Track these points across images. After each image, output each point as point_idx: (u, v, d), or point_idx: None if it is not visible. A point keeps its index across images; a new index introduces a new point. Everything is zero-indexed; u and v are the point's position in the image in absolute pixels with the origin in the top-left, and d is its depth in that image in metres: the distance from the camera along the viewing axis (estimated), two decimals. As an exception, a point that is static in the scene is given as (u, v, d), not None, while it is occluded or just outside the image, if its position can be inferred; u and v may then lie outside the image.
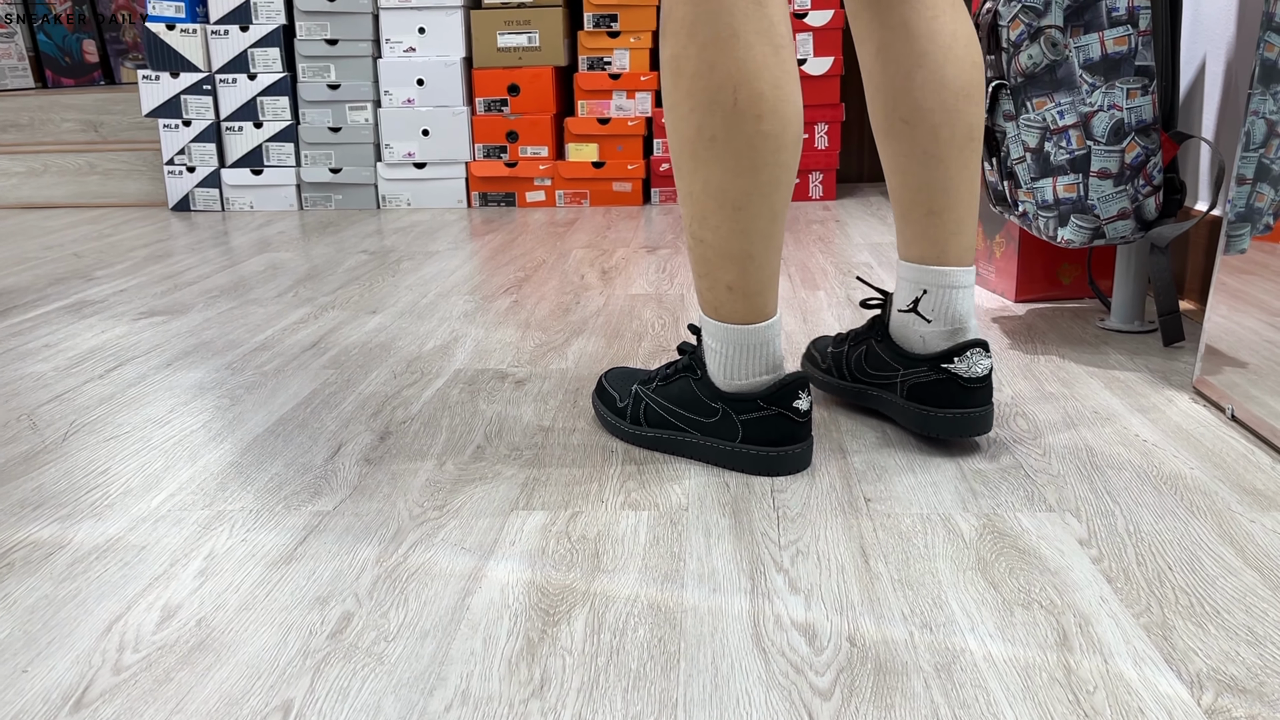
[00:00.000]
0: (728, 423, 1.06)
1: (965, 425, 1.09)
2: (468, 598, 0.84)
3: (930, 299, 1.11)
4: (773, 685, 0.72)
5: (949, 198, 1.09)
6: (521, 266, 2.17)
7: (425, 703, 0.71)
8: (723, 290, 1.03)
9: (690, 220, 1.02)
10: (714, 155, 0.97)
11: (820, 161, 2.95)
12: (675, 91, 0.98)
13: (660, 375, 1.13)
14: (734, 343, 1.05)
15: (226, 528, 0.98)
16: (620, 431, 1.16)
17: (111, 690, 0.73)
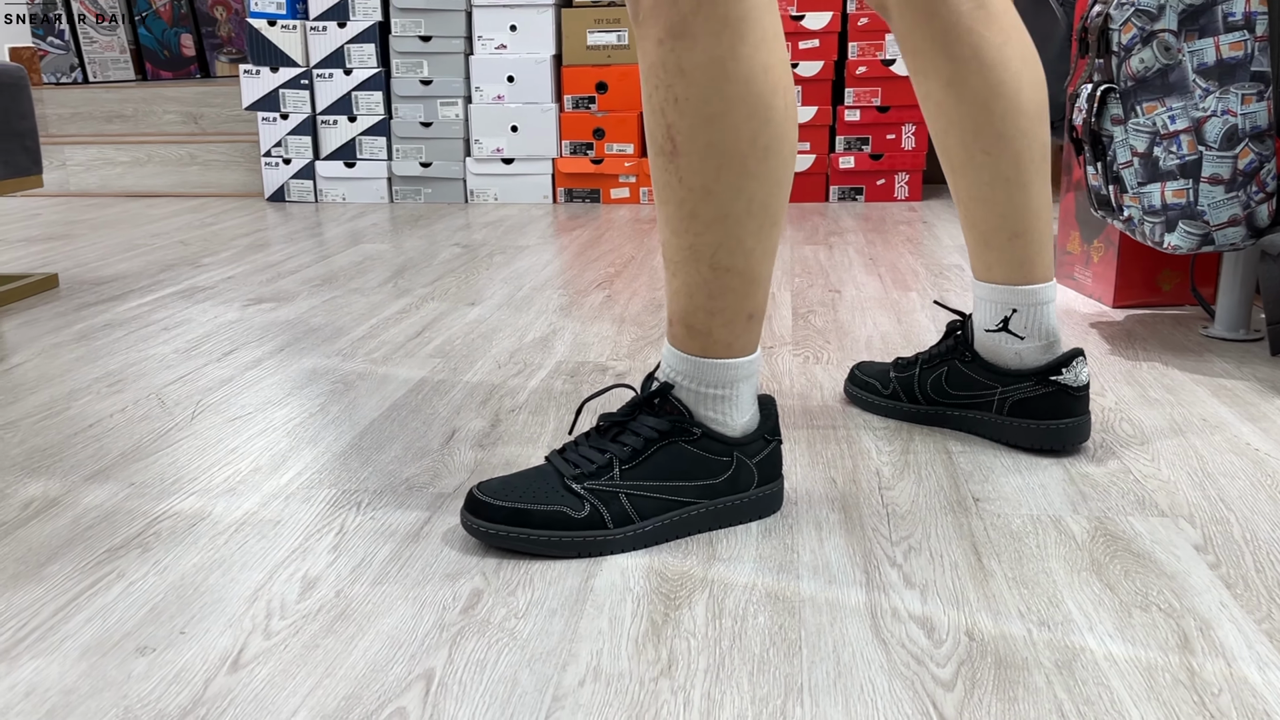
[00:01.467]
0: (743, 471, 0.96)
1: (1077, 433, 1.10)
2: (590, 580, 0.87)
3: (1021, 317, 1.12)
4: (895, 674, 0.74)
5: (1032, 219, 1.09)
6: (611, 262, 2.20)
7: (559, 677, 0.74)
8: (743, 322, 0.93)
9: (715, 249, 0.89)
10: (766, 168, 0.87)
11: (907, 162, 2.94)
12: (721, 100, 0.84)
13: (624, 458, 0.94)
14: (745, 378, 0.95)
15: (354, 506, 1.02)
16: (608, 544, 0.92)
17: (264, 654, 0.77)
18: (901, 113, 2.92)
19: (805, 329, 1.64)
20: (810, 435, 1.19)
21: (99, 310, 1.84)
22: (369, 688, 0.73)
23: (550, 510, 0.91)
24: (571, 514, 0.91)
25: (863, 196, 2.99)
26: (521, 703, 0.71)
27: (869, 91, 2.91)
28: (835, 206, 2.92)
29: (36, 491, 1.07)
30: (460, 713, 0.70)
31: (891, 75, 2.90)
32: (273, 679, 0.74)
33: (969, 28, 1.04)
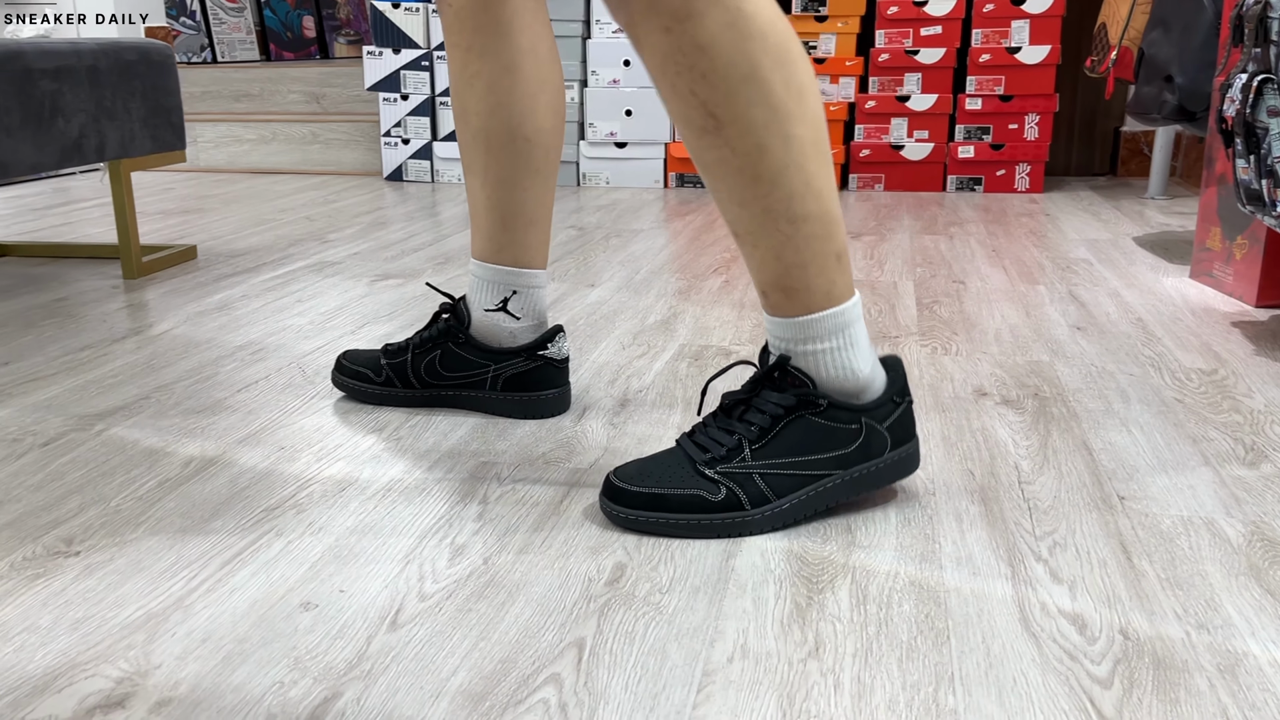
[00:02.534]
0: (874, 437, 0.95)
1: (560, 402, 1.22)
2: (730, 560, 0.88)
3: (520, 299, 1.20)
4: (1048, 669, 0.73)
5: (545, 210, 1.18)
6: (726, 247, 2.20)
7: (708, 653, 0.75)
8: (833, 263, 0.91)
9: (790, 199, 0.89)
10: (805, 108, 0.87)
11: (1029, 153, 2.87)
12: (748, 58, 0.85)
13: (753, 438, 0.94)
14: (855, 319, 0.93)
15: (494, 478, 1.05)
16: (749, 525, 0.92)
17: (420, 615, 0.80)
18: (1025, 102, 2.84)
19: (931, 320, 1.62)
20: (944, 427, 1.17)
21: (236, 281, 1.91)
22: (523, 652, 0.75)
23: (687, 494, 0.92)
24: (709, 497, 0.92)
25: (981, 187, 2.93)
26: (673, 675, 0.72)
27: (992, 80, 2.85)
28: (953, 196, 2.87)
29: (194, 451, 1.12)
30: (613, 681, 0.72)
31: (1017, 63, 2.83)
32: (431, 639, 0.77)
33: (529, 23, 1.11)
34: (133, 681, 0.72)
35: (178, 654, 0.75)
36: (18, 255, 2.17)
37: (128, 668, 0.73)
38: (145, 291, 1.84)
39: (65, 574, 0.86)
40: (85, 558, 0.89)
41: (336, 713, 0.68)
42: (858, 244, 2.22)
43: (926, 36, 2.88)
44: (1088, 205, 2.69)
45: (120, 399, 1.28)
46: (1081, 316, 1.63)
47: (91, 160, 1.78)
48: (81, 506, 0.98)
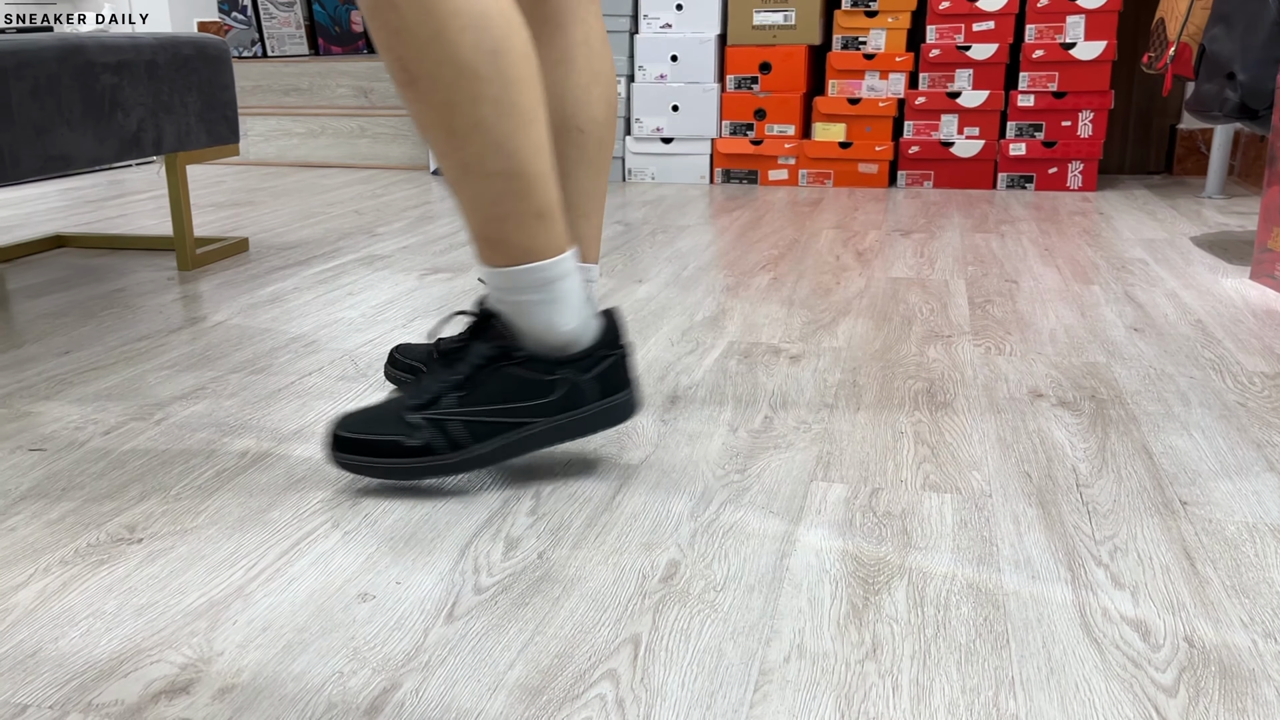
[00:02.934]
0: (575, 390, 0.99)
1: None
2: (784, 559, 0.88)
3: None
4: (1111, 676, 0.72)
5: (599, 202, 1.17)
6: (774, 245, 2.19)
7: (764, 652, 0.75)
8: (532, 222, 0.95)
9: (479, 158, 0.92)
10: (498, 70, 0.90)
11: (1082, 150, 2.83)
12: (436, 17, 0.88)
13: (452, 385, 0.99)
14: (559, 277, 0.97)
15: (546, 472, 1.05)
16: (440, 468, 0.98)
17: (477, 608, 0.80)
18: (1079, 99, 2.80)
19: (984, 319, 1.60)
20: (1000, 428, 1.16)
21: (287, 274, 1.93)
22: (579, 647, 0.75)
23: (386, 440, 0.98)
24: (405, 442, 0.98)
25: (1032, 185, 2.89)
26: (729, 674, 0.72)
27: (1045, 76, 2.81)
28: (1003, 194, 2.83)
29: (251, 441, 1.13)
30: (669, 679, 0.72)
31: (1071, 59, 2.78)
32: (487, 632, 0.77)
33: (581, 16, 1.11)
34: (196, 668, 0.73)
35: (239, 642, 0.76)
36: (76, 246, 2.21)
37: (191, 654, 0.74)
38: (199, 283, 1.87)
39: (128, 561, 0.88)
40: (147, 545, 0.90)
41: (395, 703, 0.69)
42: (908, 241, 2.20)
43: (979, 32, 2.84)
44: (1143, 204, 2.64)
45: (178, 389, 1.30)
46: (1139, 317, 1.60)
47: (149, 153, 1.81)
48: (143, 494, 1.00)
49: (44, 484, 1.02)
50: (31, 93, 1.54)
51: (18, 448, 1.11)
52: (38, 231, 2.36)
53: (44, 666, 0.73)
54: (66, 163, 1.62)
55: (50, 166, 1.60)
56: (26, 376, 1.35)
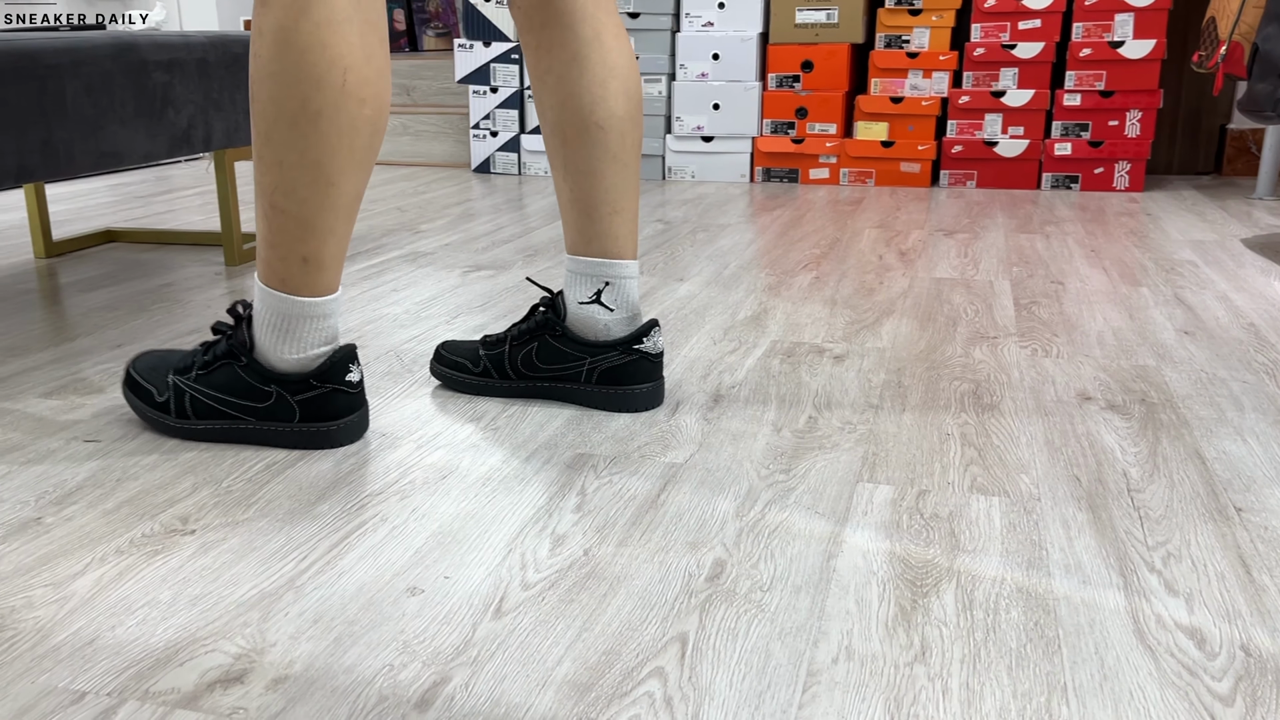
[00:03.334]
0: (283, 404, 1.09)
1: (654, 397, 1.22)
2: (831, 560, 0.87)
3: (613, 290, 1.20)
4: (1166, 684, 0.71)
5: (630, 198, 1.19)
6: (815, 244, 2.18)
7: (812, 653, 0.75)
8: (297, 263, 1.04)
9: (273, 190, 1.01)
10: (317, 130, 0.98)
11: (1130, 150, 2.79)
12: (278, 62, 0.97)
13: (199, 364, 1.11)
14: (299, 316, 1.06)
15: (591, 469, 1.05)
16: (167, 428, 1.13)
17: (524, 603, 0.81)
18: (1127, 98, 2.76)
19: (1030, 320, 1.58)
20: (1047, 431, 1.15)
21: (333, 270, 1.95)
22: (627, 645, 0.75)
23: (146, 386, 1.14)
24: (156, 395, 1.13)
25: (1078, 185, 2.85)
26: (777, 674, 0.72)
27: (1092, 75, 2.77)
28: (1048, 194, 2.80)
29: (299, 435, 1.14)
30: (717, 678, 0.72)
31: (1119, 58, 2.75)
32: (535, 628, 0.77)
33: (591, 12, 1.14)
34: (249, 658, 0.74)
35: (291, 633, 0.77)
36: (126, 241, 2.25)
37: (244, 644, 0.75)
38: (246, 278, 1.89)
39: (182, 551, 0.89)
40: (200, 536, 0.92)
41: (446, 697, 0.70)
42: (951, 241, 2.18)
43: (1025, 30, 2.81)
44: (1191, 205, 2.60)
45: (227, 383, 1.32)
46: (1189, 320, 1.58)
47: (199, 150, 1.84)
48: (195, 487, 1.02)
49: (99, 474, 1.04)
50: (86, 90, 1.57)
51: (74, 438, 1.13)
52: (89, 226, 2.40)
53: (102, 654, 0.74)
54: (119, 159, 1.65)
55: (103, 163, 1.62)
56: (81, 368, 1.37)
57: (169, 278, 1.90)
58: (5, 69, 1.44)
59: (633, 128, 1.17)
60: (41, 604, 0.81)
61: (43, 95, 1.50)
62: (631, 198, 1.20)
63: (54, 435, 1.14)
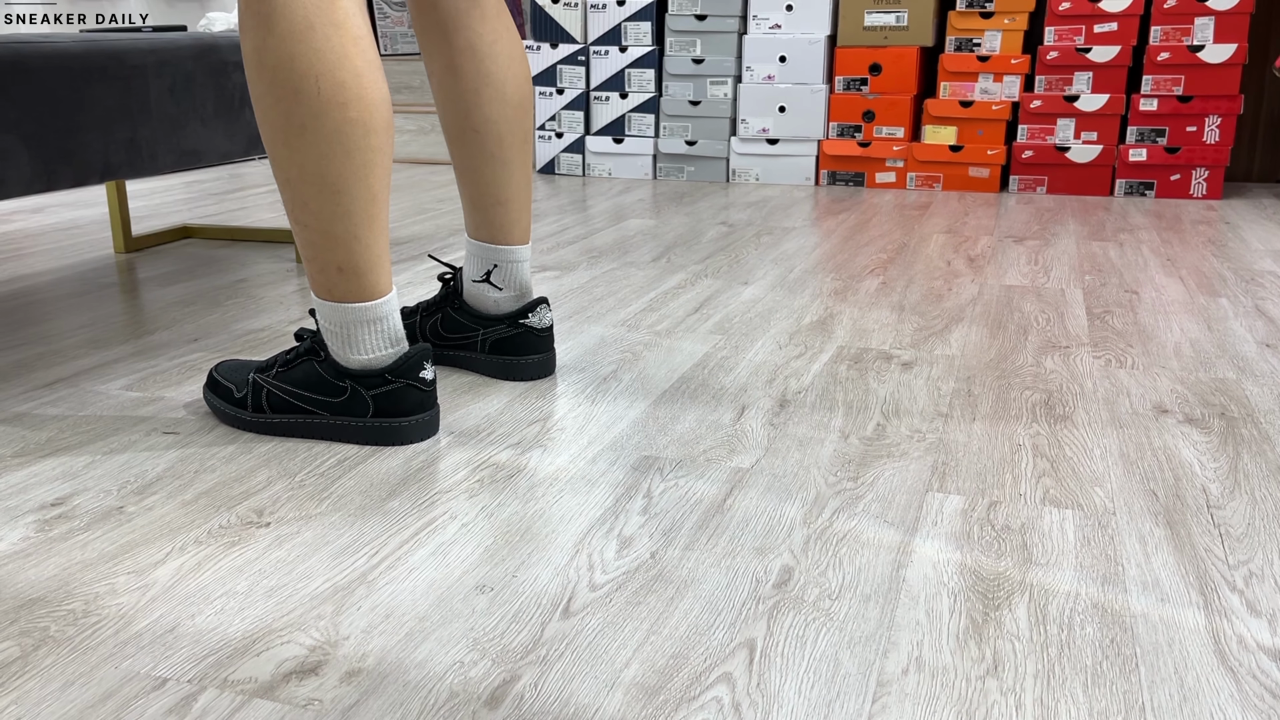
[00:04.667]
0: (357, 399, 1.10)
1: (542, 367, 1.33)
2: (901, 570, 0.87)
3: (501, 271, 1.31)
4: (1248, 707, 0.69)
5: (512, 191, 1.28)
6: (882, 248, 2.16)
7: (882, 663, 0.74)
8: (333, 273, 1.07)
9: (292, 206, 1.05)
10: (306, 142, 1.00)
11: (1208, 157, 2.72)
12: (260, 83, 1.00)
13: (280, 362, 1.15)
14: (352, 321, 1.09)
15: (657, 472, 1.06)
16: (242, 421, 1.15)
17: (592, 604, 0.81)
18: (1206, 103, 2.69)
19: (1103, 330, 1.55)
20: (1122, 444, 1.12)
21: (401, 268, 1.98)
22: (694, 649, 0.75)
23: (226, 384, 1.17)
24: (235, 392, 1.16)
25: (1153, 192, 2.79)
26: (846, 683, 0.72)
27: (1170, 80, 2.71)
28: (1121, 201, 2.74)
29: (370, 431, 1.16)
30: (785, 686, 0.71)
31: (1199, 63, 2.68)
32: (603, 629, 0.78)
33: (464, 23, 1.20)
34: (324, 650, 0.75)
35: (364, 627, 0.78)
36: (201, 237, 2.30)
37: (319, 637, 0.77)
38: (317, 275, 1.92)
39: (258, 543, 0.91)
40: (275, 529, 0.94)
41: (515, 695, 0.70)
42: (1021, 248, 2.14)
43: (1100, 34, 2.76)
44: (1272, 214, 2.53)
45: (299, 378, 1.34)
46: (1270, 332, 1.53)
47: (274, 149, 1.88)
48: (269, 480, 1.04)
49: (178, 466, 1.07)
50: (169, 90, 1.61)
51: (153, 430, 1.17)
52: (166, 223, 2.47)
53: (182, 642, 0.76)
54: (198, 158, 1.69)
55: (184, 161, 1.66)
56: (159, 362, 1.41)
57: (242, 274, 1.94)
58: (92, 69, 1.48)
59: (510, 130, 1.25)
60: (124, 591, 0.83)
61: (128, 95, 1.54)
62: (515, 190, 1.28)
63: (135, 427, 1.18)
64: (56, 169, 1.45)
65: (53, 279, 1.90)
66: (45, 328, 1.58)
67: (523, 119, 1.26)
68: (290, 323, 1.60)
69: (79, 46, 1.47)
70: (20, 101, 1.39)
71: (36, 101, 1.40)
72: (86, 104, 1.47)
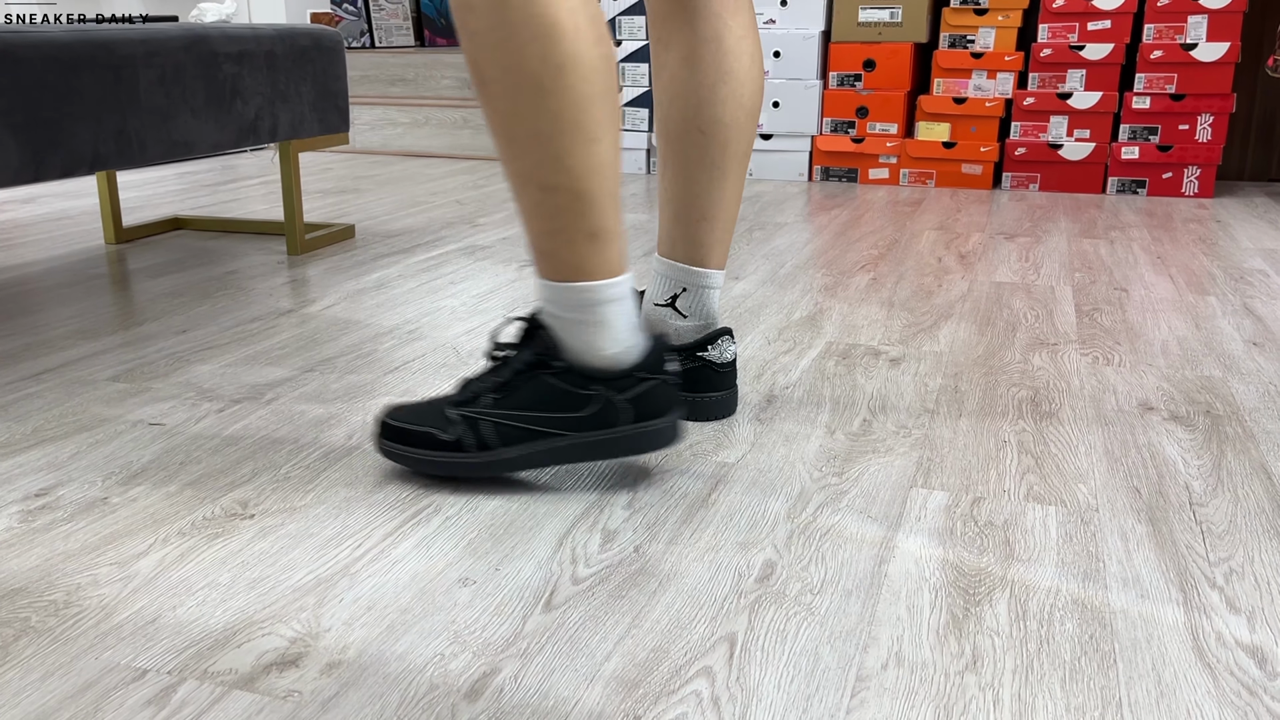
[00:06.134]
0: (610, 407, 0.97)
1: (719, 407, 1.18)
2: (883, 565, 0.87)
3: (688, 297, 1.17)
4: (1225, 703, 0.69)
5: (722, 206, 1.14)
6: (873, 244, 2.16)
7: (861, 658, 0.74)
8: (584, 242, 0.94)
9: (536, 169, 0.92)
10: (563, 85, 0.89)
11: (1200, 155, 2.72)
12: (505, 26, 0.88)
13: (492, 386, 0.99)
14: (603, 302, 0.95)
15: (642, 466, 1.06)
16: (465, 466, 0.98)
17: (574, 598, 0.81)
18: (1199, 101, 2.70)
19: (1092, 328, 1.55)
20: (1107, 441, 1.13)
21: (392, 261, 1.98)
22: (675, 643, 0.76)
23: (421, 430, 0.99)
24: (439, 435, 0.99)
25: (1144, 190, 2.80)
26: (826, 678, 0.72)
27: (1163, 78, 2.71)
28: (1113, 199, 2.75)
29: (356, 424, 1.16)
30: (765, 679, 0.72)
31: (1191, 61, 2.68)
32: (584, 623, 0.78)
33: (714, 11, 1.09)
34: (305, 642, 0.75)
35: (345, 619, 0.78)
36: (192, 229, 2.30)
37: (300, 629, 0.77)
38: (307, 268, 1.92)
39: (241, 535, 0.91)
40: (259, 521, 0.94)
41: (495, 688, 0.70)
42: (1012, 245, 2.15)
43: (1094, 31, 2.76)
44: (1263, 213, 2.53)
45: (287, 370, 1.34)
46: (1258, 331, 1.54)
47: (265, 140, 1.87)
48: (255, 472, 1.04)
49: (163, 457, 1.07)
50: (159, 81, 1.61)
51: (139, 421, 1.16)
52: (157, 214, 2.46)
53: (163, 633, 0.76)
54: (189, 148, 1.69)
55: (174, 152, 1.66)
56: (147, 353, 1.41)
57: (233, 265, 1.94)
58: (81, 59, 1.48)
59: (738, 136, 1.12)
60: (106, 582, 0.83)
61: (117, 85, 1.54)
62: (725, 206, 1.15)
63: (121, 418, 1.18)
64: (45, 159, 1.44)
65: (42, 269, 1.90)
66: (33, 318, 1.58)
67: (751, 128, 1.14)
68: (279, 314, 1.60)
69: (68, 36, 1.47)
70: (8, 91, 1.38)
71: (25, 91, 1.40)
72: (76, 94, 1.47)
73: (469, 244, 2.14)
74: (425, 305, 1.66)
